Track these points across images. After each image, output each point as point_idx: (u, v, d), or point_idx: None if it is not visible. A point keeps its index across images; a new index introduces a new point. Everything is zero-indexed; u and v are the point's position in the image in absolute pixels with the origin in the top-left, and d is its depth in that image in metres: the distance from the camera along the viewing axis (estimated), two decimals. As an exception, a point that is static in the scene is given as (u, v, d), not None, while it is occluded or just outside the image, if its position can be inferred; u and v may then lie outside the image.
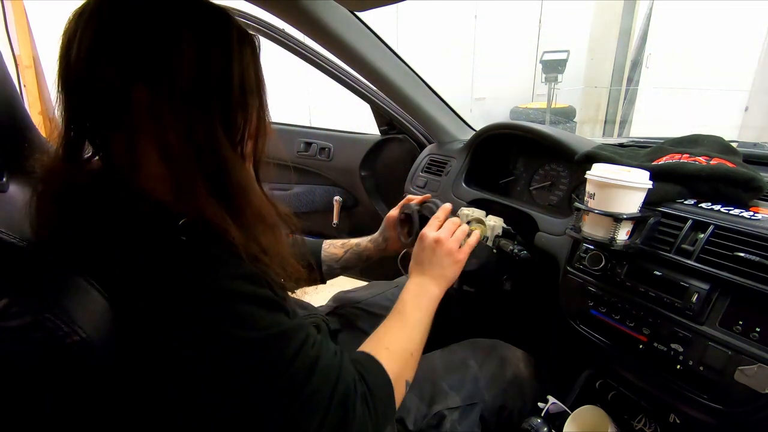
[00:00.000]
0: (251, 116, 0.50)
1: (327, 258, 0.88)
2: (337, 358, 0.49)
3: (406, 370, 0.58)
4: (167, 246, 0.41)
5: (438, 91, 1.23)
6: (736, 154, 0.73)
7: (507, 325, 1.06)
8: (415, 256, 0.72)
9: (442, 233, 0.71)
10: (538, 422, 0.75)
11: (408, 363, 0.59)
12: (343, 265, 0.88)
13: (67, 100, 0.43)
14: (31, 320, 0.36)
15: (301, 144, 1.58)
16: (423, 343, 0.63)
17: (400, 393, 0.55)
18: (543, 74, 5.07)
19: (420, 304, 0.65)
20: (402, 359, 0.58)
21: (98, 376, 0.40)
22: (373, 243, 0.90)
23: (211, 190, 0.45)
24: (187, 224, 0.42)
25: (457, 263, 0.70)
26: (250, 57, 0.49)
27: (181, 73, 0.42)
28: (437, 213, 0.75)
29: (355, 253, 0.89)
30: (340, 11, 0.90)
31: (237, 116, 0.48)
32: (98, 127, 0.44)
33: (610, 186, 0.61)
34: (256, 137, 0.52)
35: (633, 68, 4.80)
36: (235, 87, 0.46)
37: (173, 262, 0.41)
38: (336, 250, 0.89)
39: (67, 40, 0.42)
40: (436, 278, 0.68)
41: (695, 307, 0.58)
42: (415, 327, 0.63)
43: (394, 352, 0.57)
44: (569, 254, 0.78)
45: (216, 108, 0.45)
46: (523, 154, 1.14)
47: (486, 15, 5.25)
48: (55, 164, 0.45)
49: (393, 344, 0.59)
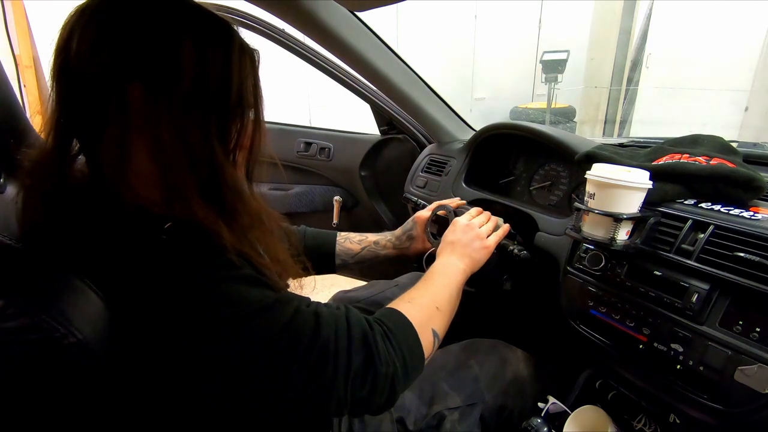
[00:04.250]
0: (246, 126, 0.50)
1: (342, 252, 0.88)
2: (341, 310, 0.49)
3: (432, 320, 0.57)
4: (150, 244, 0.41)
5: (438, 91, 1.23)
6: (736, 154, 0.73)
7: (507, 325, 1.06)
8: (445, 238, 0.75)
9: (474, 221, 0.77)
10: (538, 422, 0.75)
11: (434, 314, 0.58)
12: (358, 260, 0.89)
13: (61, 92, 0.43)
14: (28, 322, 0.36)
15: (301, 144, 1.57)
16: (451, 305, 0.63)
17: (427, 341, 0.55)
18: (543, 74, 5.07)
19: (446, 272, 0.67)
20: (425, 309, 0.58)
21: (96, 377, 0.40)
22: (394, 242, 0.90)
23: (202, 192, 0.45)
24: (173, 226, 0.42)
25: (485, 248, 0.74)
26: (250, 68, 0.49)
27: (179, 77, 0.43)
28: (470, 210, 0.83)
29: (372, 251, 0.90)
30: (340, 11, 0.90)
31: (232, 125, 0.48)
32: (91, 122, 0.44)
33: (610, 186, 0.61)
34: (251, 147, 0.52)
35: (633, 68, 4.80)
36: (232, 96, 0.47)
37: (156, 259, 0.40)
38: (352, 246, 0.89)
39: (68, 33, 0.42)
40: (464, 257, 0.71)
41: (695, 307, 0.58)
42: (440, 288, 0.64)
43: (416, 304, 0.58)
44: (569, 254, 0.78)
45: (212, 114, 0.45)
46: (523, 154, 1.14)
47: (486, 15, 5.25)
48: (43, 158, 0.45)
49: (416, 299, 0.59)
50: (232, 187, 0.47)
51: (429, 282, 0.64)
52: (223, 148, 0.47)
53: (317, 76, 1.32)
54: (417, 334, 0.53)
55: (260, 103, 0.51)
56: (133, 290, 0.40)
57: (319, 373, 0.43)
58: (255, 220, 0.50)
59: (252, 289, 0.43)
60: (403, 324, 0.53)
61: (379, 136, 1.50)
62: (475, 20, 5.28)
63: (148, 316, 0.40)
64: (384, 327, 0.50)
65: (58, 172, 0.44)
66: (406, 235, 0.90)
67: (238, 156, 0.51)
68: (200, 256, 0.42)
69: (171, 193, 0.44)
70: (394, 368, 0.48)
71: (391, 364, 0.48)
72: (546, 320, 0.93)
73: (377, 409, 0.49)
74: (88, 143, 0.45)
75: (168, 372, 0.42)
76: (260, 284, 0.44)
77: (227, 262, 0.43)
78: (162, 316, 0.40)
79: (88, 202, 0.43)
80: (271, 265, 0.51)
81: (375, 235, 0.91)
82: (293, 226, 0.87)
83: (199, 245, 0.42)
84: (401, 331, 0.52)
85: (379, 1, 0.74)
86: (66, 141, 0.45)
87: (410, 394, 0.74)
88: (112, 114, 0.43)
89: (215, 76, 0.45)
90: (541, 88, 5.22)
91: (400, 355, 0.49)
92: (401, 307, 0.56)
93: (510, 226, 0.84)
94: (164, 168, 0.44)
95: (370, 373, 0.46)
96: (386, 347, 0.48)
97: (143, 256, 0.41)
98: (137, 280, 0.40)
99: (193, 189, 0.44)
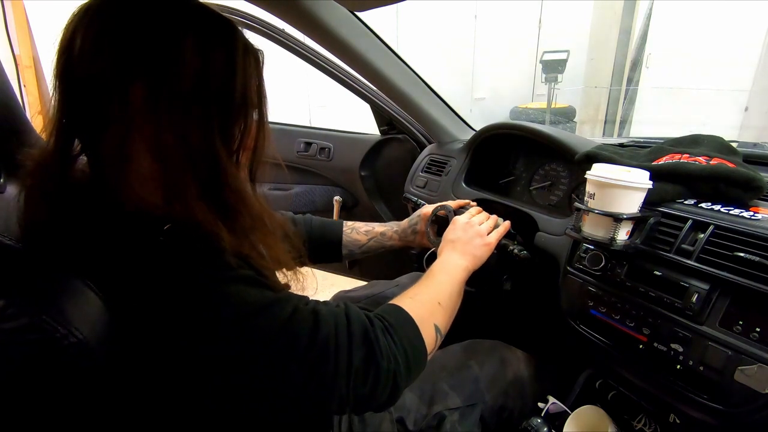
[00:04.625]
0: (250, 127, 0.50)
1: (349, 243, 0.89)
2: (340, 307, 0.49)
3: (433, 315, 0.57)
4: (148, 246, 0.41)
5: (438, 91, 1.23)
6: (736, 154, 0.73)
7: (507, 326, 1.06)
8: (445, 237, 0.76)
9: (473, 219, 0.77)
10: (538, 422, 0.75)
11: (435, 310, 0.58)
12: (364, 251, 0.90)
13: (64, 92, 0.43)
14: (28, 322, 0.36)
15: (301, 144, 1.57)
16: (453, 301, 0.63)
17: (429, 336, 0.55)
18: (543, 74, 5.07)
19: (447, 269, 0.67)
20: (426, 305, 0.58)
21: (95, 378, 0.40)
22: (400, 234, 0.91)
23: (202, 193, 0.44)
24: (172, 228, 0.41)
25: (486, 245, 0.74)
26: (254, 69, 0.49)
27: (181, 77, 0.43)
28: (470, 209, 0.83)
29: (378, 242, 0.91)
30: (340, 11, 0.90)
31: (235, 125, 0.48)
32: (93, 121, 0.44)
33: (610, 186, 0.61)
34: (254, 148, 0.52)
35: (633, 68, 4.80)
36: (236, 96, 0.46)
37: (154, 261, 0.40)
38: (359, 237, 0.90)
39: (71, 33, 0.42)
40: (465, 254, 0.71)
41: (695, 307, 0.58)
42: (441, 284, 0.64)
43: (417, 300, 0.58)
44: (569, 254, 0.78)
45: (215, 115, 0.45)
46: (523, 154, 1.14)
47: (486, 15, 5.25)
48: (45, 158, 0.44)
49: (417, 295, 0.59)
50: (234, 188, 0.47)
51: (430, 279, 0.64)
52: (225, 149, 0.47)
53: (317, 76, 1.31)
54: (418, 328, 0.53)
55: (264, 103, 0.51)
56: (132, 291, 0.40)
57: (319, 370, 0.43)
58: (257, 221, 0.50)
59: (250, 289, 0.43)
60: (404, 319, 0.53)
61: (379, 136, 1.50)
62: (475, 20, 5.28)
63: (146, 316, 0.40)
64: (385, 322, 0.50)
65: (59, 172, 0.44)
66: (411, 229, 0.90)
67: (241, 157, 0.50)
68: (198, 257, 0.42)
69: (171, 194, 0.44)
70: (396, 363, 0.47)
71: (392, 360, 0.47)
72: (546, 320, 0.93)
73: (380, 405, 0.48)
74: (90, 143, 0.45)
75: (167, 372, 0.42)
76: (259, 284, 0.44)
77: (225, 263, 0.42)
78: (160, 317, 0.40)
79: (88, 203, 0.43)
80: (271, 265, 0.51)
81: (381, 226, 0.92)
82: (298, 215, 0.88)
83: (197, 246, 0.42)
84: (402, 326, 0.52)
85: (379, 1, 0.75)
86: (68, 141, 0.45)
87: (410, 394, 0.74)
88: (113, 114, 0.43)
89: (218, 77, 0.45)
90: (541, 88, 5.22)
91: (401, 350, 0.49)
92: (402, 302, 0.56)
93: (510, 225, 0.84)
94: (165, 168, 0.44)
95: (372, 369, 0.46)
96: (387, 342, 0.48)
97: (141, 257, 0.40)
98: (136, 281, 0.40)
99: (193, 189, 0.44)
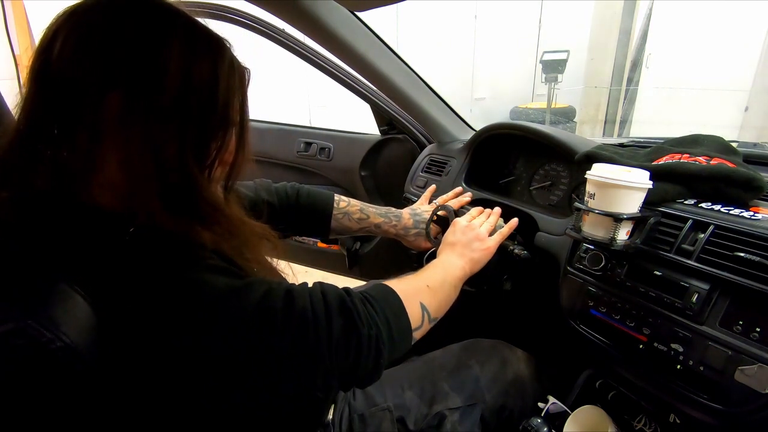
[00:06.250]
0: (228, 144, 0.49)
1: (338, 227, 0.88)
2: (315, 285, 0.49)
3: (419, 294, 0.57)
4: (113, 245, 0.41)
5: (438, 91, 1.23)
6: (736, 154, 0.73)
7: (507, 325, 1.06)
8: (445, 239, 0.75)
9: (474, 222, 0.77)
10: (538, 422, 0.75)
11: (422, 290, 0.58)
12: (353, 235, 0.91)
13: (37, 93, 0.42)
14: (13, 327, 0.36)
15: (301, 144, 1.57)
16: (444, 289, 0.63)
17: (414, 312, 0.54)
18: (543, 74, 5.07)
19: (443, 265, 0.68)
20: (413, 284, 0.58)
21: (85, 381, 0.40)
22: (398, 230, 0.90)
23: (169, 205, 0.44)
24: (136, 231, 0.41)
25: (486, 249, 0.73)
26: (238, 87, 0.48)
27: (162, 89, 0.42)
28: (471, 210, 0.82)
29: (370, 231, 0.90)
30: (340, 11, 0.90)
31: (212, 141, 0.47)
32: (63, 126, 0.43)
33: (610, 186, 0.61)
34: (232, 164, 0.52)
35: (633, 68, 4.80)
36: (216, 113, 0.46)
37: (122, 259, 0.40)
38: (350, 224, 0.89)
39: (53, 34, 0.41)
40: (464, 256, 0.71)
41: (695, 307, 0.58)
42: (433, 273, 0.64)
43: (404, 281, 0.58)
44: (569, 254, 0.78)
45: (191, 129, 0.45)
46: (523, 154, 1.14)
47: (486, 15, 5.25)
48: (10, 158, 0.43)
49: (405, 279, 0.60)
50: (208, 200, 0.47)
51: (422, 270, 0.65)
52: (198, 165, 0.46)
53: (317, 76, 1.31)
54: (402, 303, 0.53)
55: (246, 121, 0.50)
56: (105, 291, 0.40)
57: (300, 343, 0.43)
58: (234, 228, 0.50)
59: (219, 276, 0.43)
60: (387, 292, 0.53)
61: (379, 136, 1.50)
62: (475, 20, 5.28)
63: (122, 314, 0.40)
64: (364, 294, 0.50)
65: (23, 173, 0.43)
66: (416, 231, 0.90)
67: (215, 171, 0.50)
68: (164, 253, 0.41)
69: (134, 204, 0.43)
70: (378, 329, 0.47)
71: (374, 326, 0.47)
72: (546, 320, 0.93)
73: (365, 376, 0.48)
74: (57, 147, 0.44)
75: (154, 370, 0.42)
76: (229, 273, 0.44)
77: (193, 255, 0.42)
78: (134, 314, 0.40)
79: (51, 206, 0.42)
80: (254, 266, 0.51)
81: (377, 217, 0.90)
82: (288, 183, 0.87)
83: (163, 243, 0.42)
84: (385, 298, 0.52)
85: (379, 1, 0.75)
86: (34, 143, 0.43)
87: (411, 393, 0.74)
88: (86, 120, 0.42)
89: (199, 93, 0.44)
90: (541, 88, 5.23)
91: (383, 317, 0.49)
92: (388, 282, 0.56)
93: (516, 224, 0.84)
94: (130, 179, 0.43)
95: (353, 338, 0.45)
96: (367, 310, 0.48)
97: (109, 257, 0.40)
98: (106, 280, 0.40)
99: (157, 202, 0.43)
